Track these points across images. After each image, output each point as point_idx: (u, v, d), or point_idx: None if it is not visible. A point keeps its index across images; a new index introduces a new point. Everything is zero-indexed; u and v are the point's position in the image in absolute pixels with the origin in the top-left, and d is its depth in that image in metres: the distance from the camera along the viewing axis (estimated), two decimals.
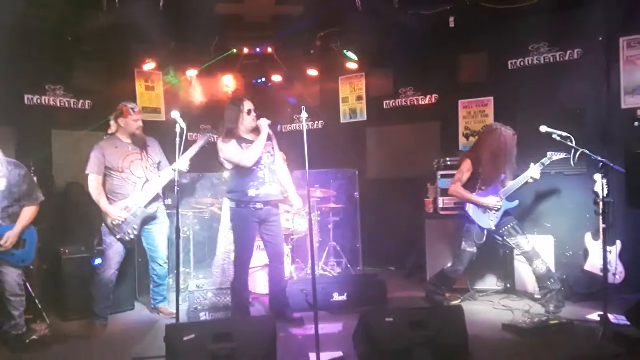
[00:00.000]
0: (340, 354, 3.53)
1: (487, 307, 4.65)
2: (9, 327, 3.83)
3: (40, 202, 3.98)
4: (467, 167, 4.55)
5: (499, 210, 4.44)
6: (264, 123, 4.10)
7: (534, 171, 4.36)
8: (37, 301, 4.14)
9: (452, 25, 5.53)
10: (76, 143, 5.41)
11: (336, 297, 4.58)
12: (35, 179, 4.21)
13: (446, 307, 4.32)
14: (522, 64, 5.64)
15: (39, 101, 5.36)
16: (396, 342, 3.13)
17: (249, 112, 4.15)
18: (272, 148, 4.26)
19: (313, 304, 3.68)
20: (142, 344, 3.93)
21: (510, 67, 5.71)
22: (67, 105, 5.57)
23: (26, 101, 5.27)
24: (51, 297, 4.54)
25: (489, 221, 4.46)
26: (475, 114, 6.01)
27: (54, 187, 5.30)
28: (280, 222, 4.37)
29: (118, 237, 4.24)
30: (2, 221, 3.77)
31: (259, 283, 5.17)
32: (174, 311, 3.70)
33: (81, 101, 5.65)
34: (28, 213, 3.89)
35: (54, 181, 5.34)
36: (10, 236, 3.75)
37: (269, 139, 4.20)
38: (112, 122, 4.36)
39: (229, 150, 4.07)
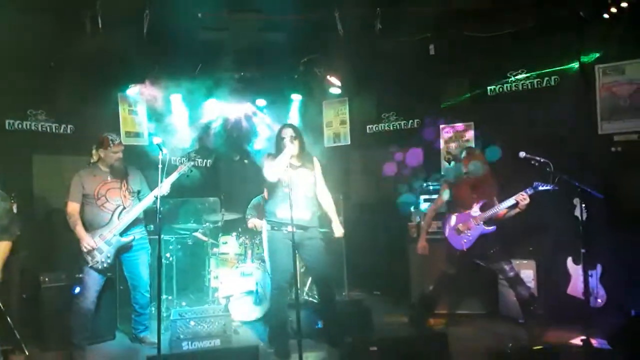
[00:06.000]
0: None
1: (471, 332, 4.67)
2: None
3: (14, 237, 3.91)
4: (443, 192, 4.73)
5: (470, 231, 4.49)
6: (288, 143, 4.15)
7: (520, 198, 4.37)
8: (15, 331, 4.03)
9: (432, 52, 5.66)
10: (57, 168, 5.36)
11: (321, 324, 4.54)
12: (15, 206, 4.15)
13: (430, 334, 4.33)
14: (500, 90, 5.76)
15: (20, 126, 5.30)
16: None
17: (284, 139, 4.19)
18: (313, 175, 4.32)
19: (297, 331, 3.68)
20: None
21: (489, 93, 5.84)
22: (48, 130, 5.51)
23: (7, 126, 5.21)
24: (30, 327, 4.42)
25: (462, 242, 4.52)
26: (456, 139, 6.11)
27: (34, 213, 5.22)
28: (320, 244, 4.36)
29: (90, 264, 4.17)
30: None
31: (240, 310, 5.12)
32: (156, 341, 3.64)
33: (63, 126, 5.60)
34: (3, 249, 3.82)
35: (34, 207, 5.26)
36: None
37: (310, 165, 4.32)
38: (94, 152, 4.36)
39: (263, 167, 4.23)
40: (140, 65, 5.64)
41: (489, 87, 5.83)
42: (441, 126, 6.21)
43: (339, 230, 4.52)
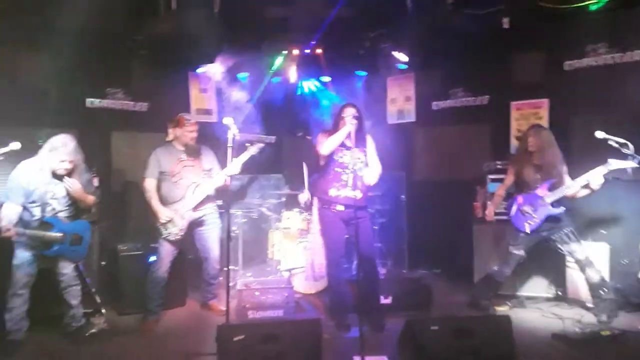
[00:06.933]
0: (384, 358, 3.56)
1: (536, 315, 4.57)
2: (68, 319, 4.07)
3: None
4: (509, 171, 4.66)
5: (536, 212, 4.34)
6: (348, 121, 4.13)
7: (592, 177, 4.15)
8: (95, 296, 4.37)
9: (506, 26, 5.40)
10: (133, 144, 5.68)
11: (381, 299, 4.59)
12: (96, 180, 4.46)
13: (493, 316, 4.27)
14: (578, 64, 5.43)
15: (99, 104, 5.62)
16: (441, 351, 3.14)
17: (344, 118, 4.19)
18: (365, 155, 4.30)
19: (358, 305, 3.74)
20: (194, 340, 4.10)
21: (566, 68, 5.51)
22: (125, 108, 5.81)
23: (87, 104, 5.54)
24: (109, 292, 4.77)
25: (525, 224, 4.40)
26: (528, 116, 5.84)
27: (112, 186, 5.57)
28: (369, 224, 4.39)
29: (163, 236, 4.42)
30: (68, 219, 4.01)
31: (302, 283, 5.27)
32: (224, 308, 3.84)
33: (139, 104, 5.88)
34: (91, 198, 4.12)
35: (113, 181, 5.61)
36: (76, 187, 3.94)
37: (363, 146, 4.28)
38: (170, 131, 4.57)
39: (318, 141, 4.28)
40: (211, 44, 5.78)
41: (565, 62, 5.51)
42: (512, 103, 5.97)
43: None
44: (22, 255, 3.83)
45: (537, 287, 5.00)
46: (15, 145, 3.76)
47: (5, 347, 3.78)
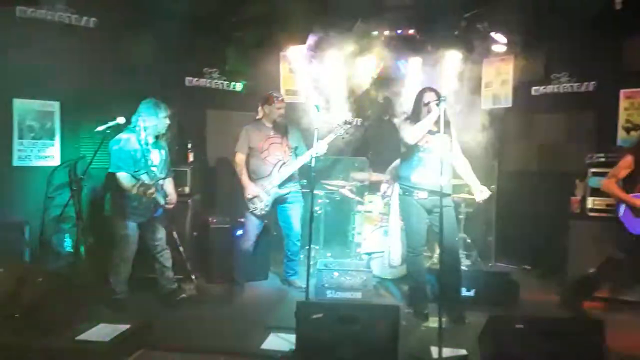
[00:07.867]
0: (463, 351, 3.47)
1: (634, 322, 4.24)
2: (163, 281, 4.39)
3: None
4: (626, 164, 4.12)
5: None
6: (434, 106, 4.00)
7: None
8: (187, 263, 4.64)
9: (618, 7, 4.92)
10: (227, 122, 5.91)
11: (463, 291, 4.46)
12: (192, 155, 4.70)
13: (585, 319, 4.00)
14: None
15: (197, 83, 5.89)
16: (525, 351, 2.99)
17: (427, 103, 4.08)
18: (450, 141, 4.19)
19: (439, 296, 3.67)
20: (275, 313, 4.25)
21: None
22: (220, 87, 6.06)
23: (187, 83, 5.82)
24: (199, 261, 5.06)
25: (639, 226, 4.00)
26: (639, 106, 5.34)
27: (207, 161, 5.84)
28: (452, 212, 4.23)
29: (249, 210, 4.59)
30: (160, 188, 4.25)
31: (381, 267, 5.24)
32: (304, 285, 3.93)
33: (232, 83, 6.11)
34: (172, 183, 4.42)
35: (207, 156, 5.88)
36: (174, 199, 4.34)
37: (447, 130, 4.13)
38: (259, 108, 4.71)
39: (402, 129, 4.15)
40: (302, 25, 5.83)
41: None
42: (622, 90, 5.47)
43: (482, 194, 4.14)
44: (131, 225, 4.16)
45: (636, 291, 4.61)
46: (121, 120, 4.03)
47: (115, 305, 4.18)
